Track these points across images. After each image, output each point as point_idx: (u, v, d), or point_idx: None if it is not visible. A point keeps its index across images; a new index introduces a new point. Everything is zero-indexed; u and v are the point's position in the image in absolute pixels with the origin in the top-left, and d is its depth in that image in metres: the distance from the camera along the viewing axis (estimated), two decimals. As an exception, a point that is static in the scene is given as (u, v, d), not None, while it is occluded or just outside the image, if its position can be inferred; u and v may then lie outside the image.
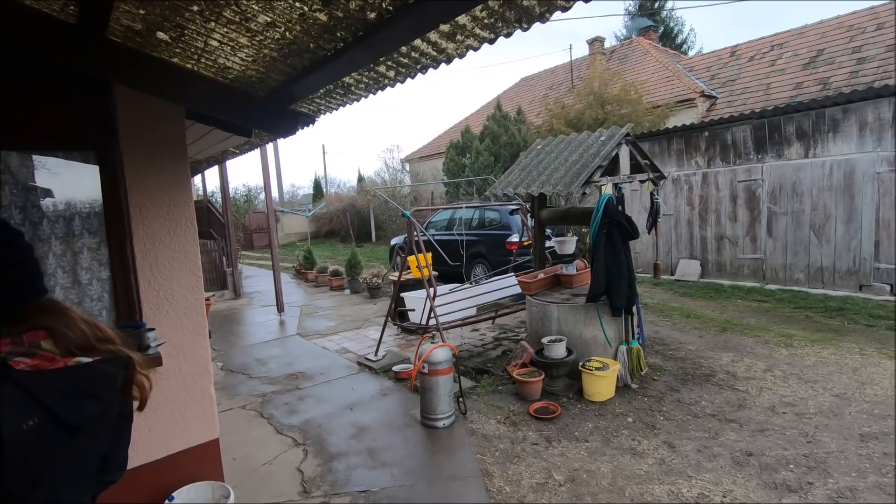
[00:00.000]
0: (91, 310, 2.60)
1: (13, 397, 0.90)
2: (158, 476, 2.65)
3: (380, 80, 2.34)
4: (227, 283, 10.34)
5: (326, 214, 21.19)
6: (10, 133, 2.33)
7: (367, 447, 3.66)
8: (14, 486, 0.91)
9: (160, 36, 2.20)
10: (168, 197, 2.72)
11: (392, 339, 6.41)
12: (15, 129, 2.34)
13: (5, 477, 0.89)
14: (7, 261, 1.02)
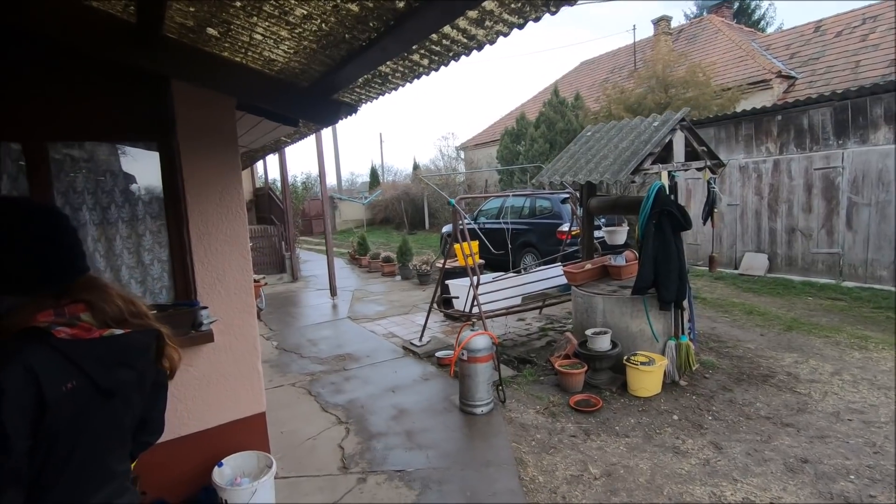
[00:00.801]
0: (152, 288, 2.83)
1: (54, 361, 1.02)
2: (210, 443, 2.86)
3: (414, 69, 2.36)
4: (286, 266, 10.84)
5: (382, 202, 21.62)
6: (85, 125, 2.57)
7: (405, 429, 3.76)
8: (59, 442, 1.03)
9: (210, 31, 2.33)
10: (220, 184, 2.89)
11: (438, 326, 6.50)
12: (89, 121, 2.57)
13: (50, 433, 1.01)
14: (56, 242, 1.13)
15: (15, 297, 1.10)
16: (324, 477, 3.16)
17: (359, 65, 2.29)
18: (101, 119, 2.60)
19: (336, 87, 2.69)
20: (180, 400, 2.78)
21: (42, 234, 1.11)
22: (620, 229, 5.50)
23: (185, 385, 2.80)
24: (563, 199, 8.50)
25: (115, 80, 2.58)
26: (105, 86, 2.58)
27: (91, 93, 2.55)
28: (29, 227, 1.10)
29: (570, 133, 13.73)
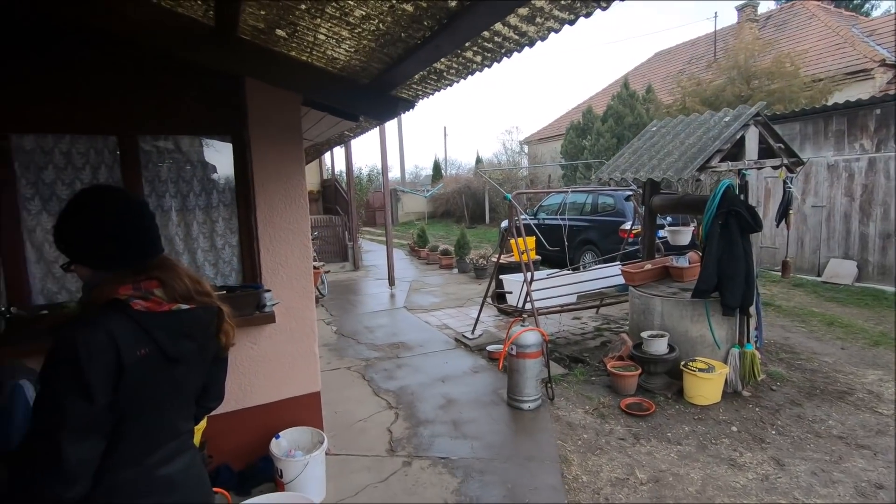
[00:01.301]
0: (223, 271, 3.08)
1: (131, 329, 1.16)
2: (269, 416, 3.09)
3: (468, 65, 2.40)
4: (348, 255, 11.26)
5: (443, 195, 21.84)
6: (169, 120, 2.83)
7: (452, 418, 3.85)
8: (132, 401, 1.18)
9: (279, 33, 2.49)
10: (285, 175, 3.08)
11: (491, 320, 6.54)
12: (173, 116, 2.83)
13: (126, 392, 1.16)
14: (138, 226, 1.29)
15: (103, 273, 1.26)
16: (371, 457, 3.31)
17: (414, 62, 2.37)
18: (183, 114, 2.85)
19: (394, 84, 2.79)
20: (244, 375, 3.02)
21: (128, 219, 1.27)
22: (684, 229, 5.25)
23: (249, 361, 3.03)
24: (627, 196, 8.22)
25: (196, 78, 2.82)
26: (187, 84, 2.82)
27: (176, 90, 2.81)
28: (118, 213, 1.26)
29: (640, 128, 13.18)
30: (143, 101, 2.74)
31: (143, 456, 1.23)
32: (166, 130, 2.88)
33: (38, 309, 2.57)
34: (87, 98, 2.61)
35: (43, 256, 2.66)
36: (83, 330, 1.11)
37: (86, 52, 2.57)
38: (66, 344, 1.09)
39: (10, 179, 2.54)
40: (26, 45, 2.46)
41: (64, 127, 2.62)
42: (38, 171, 2.61)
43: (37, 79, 2.50)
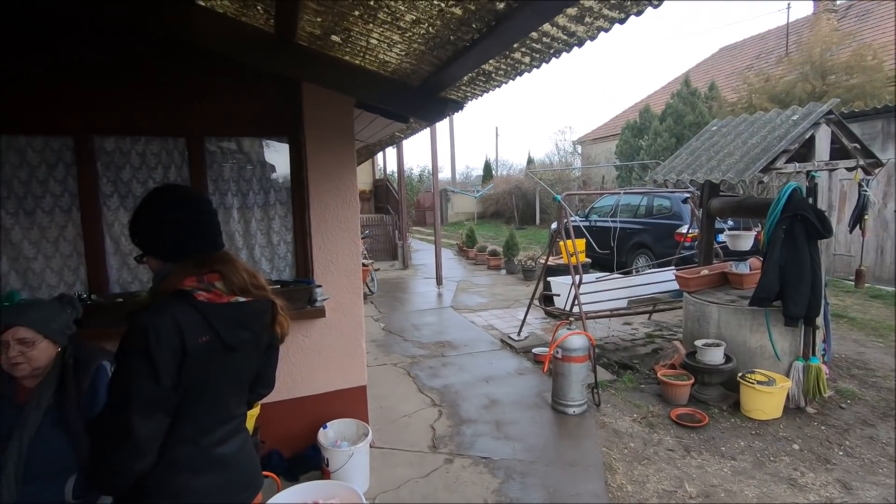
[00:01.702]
0: (278, 266, 3.24)
1: (194, 318, 1.26)
2: (318, 407, 3.21)
3: (517, 66, 2.40)
4: (398, 254, 11.46)
5: (493, 196, 21.76)
6: (232, 122, 3.01)
7: (495, 419, 3.85)
8: (193, 384, 1.28)
9: (334, 38, 2.59)
10: (337, 175, 3.19)
11: (538, 322, 6.47)
12: (235, 119, 3.00)
13: (187, 375, 1.26)
14: (203, 222, 1.40)
15: (170, 265, 1.37)
16: (414, 453, 3.37)
17: (463, 64, 2.39)
18: (244, 117, 3.02)
19: (443, 86, 2.83)
20: (295, 366, 3.15)
21: (194, 214, 1.38)
22: (746, 234, 4.98)
23: (300, 353, 3.16)
24: (684, 198, 7.89)
25: (257, 83, 2.98)
26: (249, 88, 2.99)
27: (238, 94, 2.98)
28: (185, 209, 1.37)
29: (701, 127, 12.57)
30: (208, 105, 2.92)
31: (200, 435, 1.33)
32: (229, 132, 3.05)
33: (114, 297, 2.80)
34: (160, 103, 2.82)
35: (119, 249, 2.90)
36: (153, 316, 1.22)
37: (158, 59, 2.78)
38: (138, 329, 1.20)
39: (93, 178, 2.78)
40: (107, 54, 2.69)
41: (140, 130, 2.84)
42: (117, 171, 2.85)
43: (117, 85, 2.73)
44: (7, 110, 2.57)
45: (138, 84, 2.77)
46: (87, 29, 2.62)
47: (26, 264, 2.74)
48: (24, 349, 1.63)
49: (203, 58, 2.78)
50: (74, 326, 1.79)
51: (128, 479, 1.22)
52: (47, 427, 1.65)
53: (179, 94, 2.86)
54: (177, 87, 2.85)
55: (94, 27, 2.62)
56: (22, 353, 1.62)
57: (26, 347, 1.63)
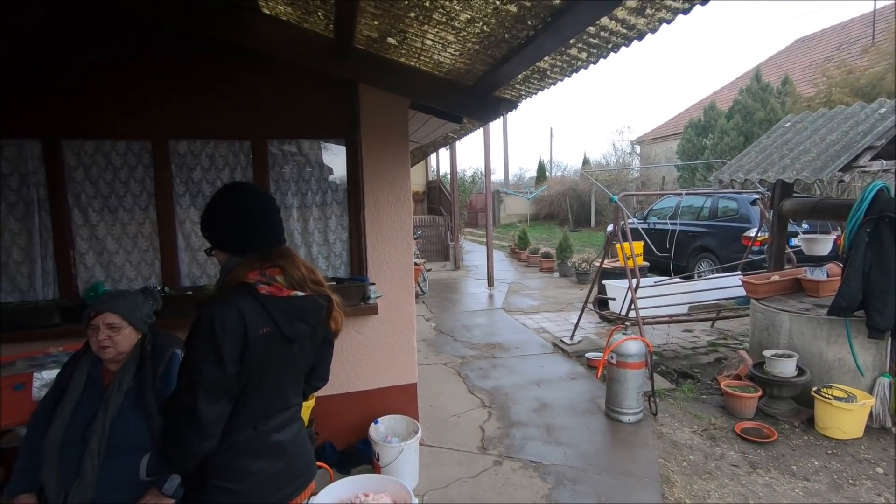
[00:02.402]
0: (334, 263, 3.34)
1: (256, 309, 1.32)
2: (369, 402, 3.28)
3: (572, 63, 2.35)
4: (449, 255, 11.52)
5: (547, 197, 21.42)
6: (292, 125, 3.13)
7: (545, 423, 3.78)
8: (253, 372, 1.34)
9: (390, 41, 2.64)
10: (391, 176, 3.25)
11: (592, 326, 6.30)
12: (295, 122, 3.13)
13: (249, 364, 1.32)
14: (268, 218, 1.47)
15: (236, 258, 1.44)
16: (463, 452, 3.36)
17: (517, 62, 2.37)
18: (304, 119, 3.14)
19: (497, 85, 2.81)
20: (349, 361, 3.24)
21: (259, 211, 1.45)
22: (823, 238, 4.62)
23: (353, 349, 3.24)
24: (752, 199, 7.44)
25: (316, 86, 3.09)
26: (308, 92, 3.10)
27: (298, 98, 3.10)
28: (251, 205, 1.45)
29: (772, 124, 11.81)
30: (271, 109, 3.06)
31: (259, 422, 1.39)
32: (290, 135, 3.18)
33: (184, 290, 2.99)
34: (228, 108, 2.98)
35: (190, 245, 3.09)
36: (219, 306, 1.29)
37: (226, 66, 2.94)
38: (206, 317, 1.27)
39: (168, 179, 2.98)
40: (180, 63, 2.88)
41: (210, 133, 3.02)
42: (188, 172, 3.04)
43: (189, 91, 2.91)
44: (98, 117, 2.81)
45: (208, 90, 2.94)
46: (164, 40, 2.82)
47: (109, 258, 2.98)
48: (112, 334, 1.79)
49: (266, 63, 2.91)
50: (154, 316, 1.95)
51: (195, 459, 1.29)
52: (126, 408, 1.79)
53: (245, 98, 3.01)
54: (242, 92, 3.00)
55: (169, 39, 2.82)
56: (109, 337, 1.79)
57: (113, 332, 1.80)
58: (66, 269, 2.89)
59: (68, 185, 2.86)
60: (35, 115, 2.74)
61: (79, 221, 2.91)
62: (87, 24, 2.71)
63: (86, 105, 2.79)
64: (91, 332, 1.81)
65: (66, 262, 2.88)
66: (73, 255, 2.90)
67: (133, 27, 2.75)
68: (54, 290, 2.90)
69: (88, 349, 1.86)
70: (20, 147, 2.78)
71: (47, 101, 2.73)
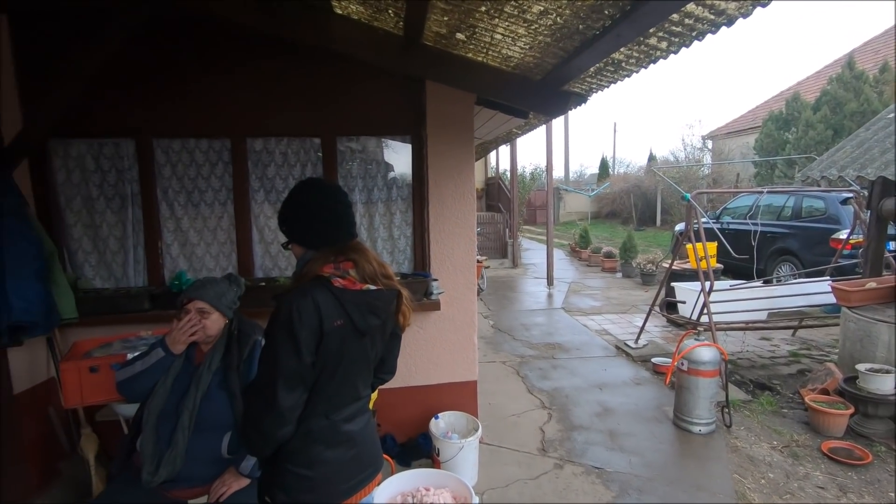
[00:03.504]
0: (397, 259, 3.38)
1: (331, 302, 1.35)
2: (430, 397, 3.30)
3: (651, 53, 2.23)
4: (508, 252, 11.42)
5: (609, 195, 20.72)
6: (360, 123, 3.20)
7: (609, 428, 3.65)
8: (327, 363, 1.37)
9: (459, 36, 2.63)
10: (456, 172, 3.25)
11: (658, 330, 6.02)
12: (363, 119, 3.19)
13: (324, 355, 1.36)
14: (341, 213, 1.49)
15: (312, 252, 1.48)
16: (522, 453, 3.31)
17: (591, 54, 2.29)
18: (371, 117, 3.19)
19: (566, 78, 2.73)
20: (410, 356, 3.27)
21: (332, 205, 1.48)
22: (931, 242, 4.15)
23: (416, 344, 3.27)
24: (844, 198, 6.82)
25: (384, 84, 3.13)
26: (376, 89, 3.15)
27: (367, 96, 3.15)
28: (326, 200, 1.48)
29: (867, 116, 10.77)
30: (340, 107, 3.13)
31: (331, 411, 1.42)
32: (358, 132, 3.25)
33: (258, 281, 3.14)
34: (300, 106, 3.09)
35: (263, 238, 3.23)
36: (297, 298, 1.32)
37: (299, 66, 3.03)
38: (284, 309, 1.31)
39: (244, 175, 3.13)
40: (257, 64, 3.01)
41: (283, 131, 3.14)
42: (263, 168, 3.18)
43: (265, 91, 3.04)
44: (184, 117, 2.99)
45: (282, 89, 3.05)
46: (243, 42, 2.95)
47: (191, 249, 3.18)
48: (202, 318, 1.95)
49: (336, 62, 2.99)
50: (238, 302, 2.09)
51: (273, 444, 1.35)
52: (214, 386, 1.92)
53: (316, 97, 3.10)
54: (314, 90, 3.09)
55: (248, 41, 2.94)
56: (200, 321, 1.95)
57: (203, 317, 1.95)
58: (154, 259, 3.11)
59: (157, 181, 3.08)
60: (130, 116, 2.96)
61: (166, 215, 3.12)
62: (173, 29, 2.88)
63: (173, 106, 2.98)
64: (184, 316, 1.96)
65: (155, 252, 3.11)
66: (160, 246, 3.12)
67: (214, 31, 2.89)
68: (144, 277, 3.13)
69: None
70: (117, 146, 3.02)
71: (140, 103, 2.94)
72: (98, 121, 2.92)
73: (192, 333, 1.93)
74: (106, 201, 3.05)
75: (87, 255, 3.08)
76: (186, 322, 1.93)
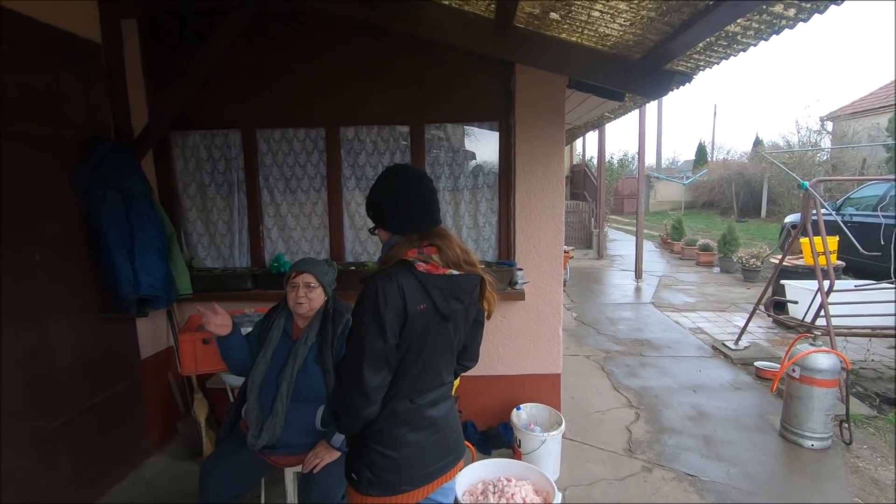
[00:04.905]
0: (482, 247, 3.36)
1: (414, 286, 1.36)
2: (511, 388, 3.27)
3: (774, 23, 1.99)
4: (592, 243, 10.99)
5: (707, 183, 19.19)
6: (448, 110, 3.19)
7: (703, 434, 3.40)
8: (411, 346, 1.38)
9: (553, 16, 2.52)
10: (544, 159, 3.14)
11: (762, 331, 5.50)
12: (451, 106, 3.17)
13: (407, 338, 1.37)
14: (427, 198, 1.49)
15: (397, 237, 1.50)
16: (608, 452, 3.19)
17: (701, 28, 2.08)
18: (460, 103, 3.16)
19: (670, 56, 2.53)
20: (493, 345, 3.25)
21: (419, 191, 1.48)
22: None
23: (499, 333, 3.24)
24: None
25: (472, 69, 3.08)
26: (465, 75, 3.11)
27: (454, 81, 3.12)
28: (413, 186, 1.48)
29: None
30: (428, 93, 3.14)
31: (415, 395, 1.44)
32: (445, 119, 3.24)
33: (348, 265, 3.27)
34: (390, 94, 3.14)
35: (354, 224, 3.35)
36: (382, 281, 1.34)
37: (390, 53, 3.07)
38: (370, 291, 1.34)
39: (337, 162, 3.26)
40: (351, 53, 3.09)
41: (373, 119, 3.21)
42: (354, 156, 3.29)
43: (358, 80, 3.12)
44: (283, 108, 3.16)
45: (372, 78, 3.11)
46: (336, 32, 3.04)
47: (289, 234, 3.37)
48: (307, 292, 2.09)
49: (424, 49, 2.99)
50: (335, 283, 2.22)
51: (359, 422, 1.39)
52: (310, 360, 2.05)
53: (404, 84, 3.13)
54: (403, 78, 3.12)
55: (340, 31, 3.03)
56: (306, 294, 2.08)
57: (309, 290, 2.09)
58: (256, 242, 3.34)
59: (259, 169, 3.29)
60: (236, 108, 3.18)
61: (266, 200, 3.34)
62: (272, 24, 3.03)
63: (274, 97, 3.15)
64: (291, 290, 2.11)
65: (257, 235, 3.34)
66: (261, 230, 3.35)
67: (308, 22, 3.02)
68: (247, 259, 3.38)
69: (283, 305, 2.16)
70: (226, 136, 3.27)
71: (245, 96, 3.15)
72: (210, 113, 3.17)
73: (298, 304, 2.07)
74: (216, 188, 3.32)
75: (199, 237, 3.38)
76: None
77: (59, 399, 2.43)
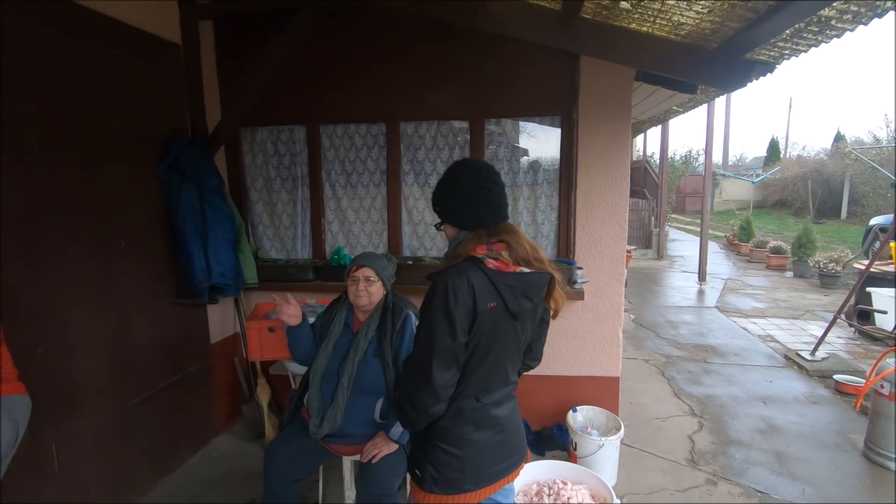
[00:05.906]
0: (540, 243, 3.28)
1: (484, 283, 1.33)
2: (567, 389, 3.19)
3: (878, 5, 1.81)
4: (652, 242, 10.57)
5: (779, 181, 17.98)
6: (509, 104, 3.14)
7: (775, 449, 3.18)
8: (479, 345, 1.36)
9: (622, 5, 2.41)
10: (608, 154, 3.03)
11: (841, 342, 5.08)
12: (512, 101, 3.12)
13: (476, 335, 1.35)
14: (495, 192, 1.46)
15: (464, 233, 1.48)
16: (668, 461, 3.05)
17: (790, 14, 1.93)
18: (521, 97, 3.10)
19: (752, 45, 2.36)
20: (550, 345, 3.16)
21: (486, 186, 1.45)
22: None
23: (556, 333, 3.17)
24: None
25: (536, 62, 3.01)
26: (527, 68, 3.04)
27: (514, 76, 3.07)
28: (482, 181, 1.45)
29: None
30: (488, 88, 3.09)
31: (481, 394, 1.42)
32: (506, 114, 3.20)
33: (406, 259, 3.30)
34: (449, 89, 3.12)
35: (412, 219, 3.38)
36: (453, 278, 1.32)
37: (451, 47, 3.05)
38: (441, 288, 1.32)
39: (397, 158, 3.29)
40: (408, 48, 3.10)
41: (433, 115, 3.21)
42: (414, 151, 3.31)
43: (418, 75, 3.13)
44: (345, 104, 3.23)
45: (433, 73, 3.11)
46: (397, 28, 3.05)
47: (349, 227, 3.45)
48: (367, 286, 2.11)
49: (485, 43, 2.95)
50: (394, 278, 2.23)
51: (426, 418, 1.38)
52: (370, 353, 2.08)
53: (464, 79, 3.10)
54: (463, 73, 3.09)
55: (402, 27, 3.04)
56: (366, 288, 2.11)
57: (369, 284, 2.11)
58: (318, 235, 3.44)
59: (322, 164, 3.38)
60: (301, 105, 3.27)
61: (328, 195, 3.43)
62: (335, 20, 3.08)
63: (337, 93, 3.22)
64: (351, 283, 2.14)
65: (319, 228, 3.43)
66: (323, 224, 3.44)
67: (371, 18, 3.05)
68: (309, 251, 3.49)
69: (344, 298, 2.20)
70: (291, 132, 3.38)
71: (310, 92, 3.24)
72: (276, 109, 3.29)
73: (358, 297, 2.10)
74: (281, 182, 3.44)
75: (265, 229, 3.52)
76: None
77: (138, 378, 2.61)
